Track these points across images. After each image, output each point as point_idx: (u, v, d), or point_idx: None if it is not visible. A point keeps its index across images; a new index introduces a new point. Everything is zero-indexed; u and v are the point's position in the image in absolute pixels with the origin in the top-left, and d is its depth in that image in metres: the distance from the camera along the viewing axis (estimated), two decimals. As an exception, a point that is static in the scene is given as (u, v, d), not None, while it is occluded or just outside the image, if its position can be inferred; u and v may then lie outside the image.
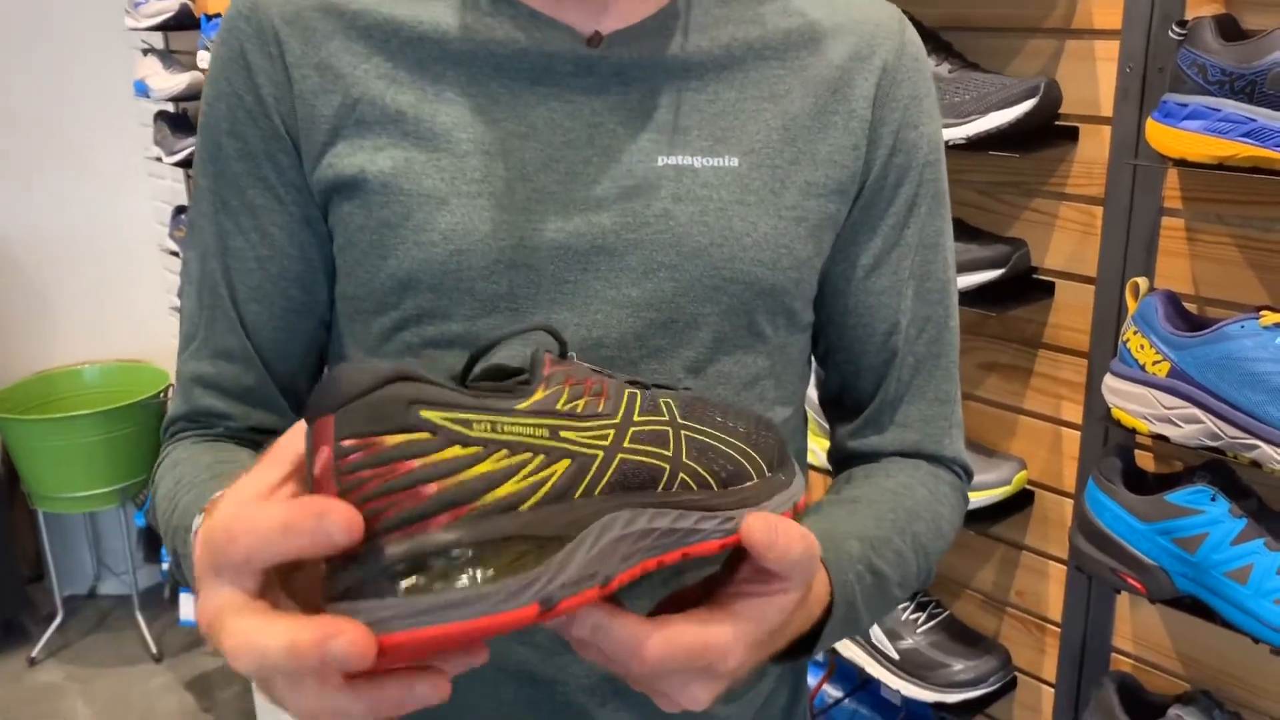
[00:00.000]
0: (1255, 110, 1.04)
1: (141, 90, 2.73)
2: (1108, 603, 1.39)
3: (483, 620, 0.40)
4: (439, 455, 0.41)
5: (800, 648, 0.62)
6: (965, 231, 1.39)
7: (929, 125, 0.75)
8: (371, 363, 0.42)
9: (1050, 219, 1.38)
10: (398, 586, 0.40)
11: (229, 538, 0.42)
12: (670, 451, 0.50)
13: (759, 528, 0.51)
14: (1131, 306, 1.20)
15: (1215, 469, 1.15)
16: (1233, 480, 1.15)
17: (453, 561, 0.40)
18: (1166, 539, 1.16)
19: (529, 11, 0.67)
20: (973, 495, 1.38)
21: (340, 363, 0.75)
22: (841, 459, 0.82)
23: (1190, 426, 1.12)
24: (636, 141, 0.68)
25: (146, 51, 2.77)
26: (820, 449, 1.39)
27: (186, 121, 2.74)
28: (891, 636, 1.50)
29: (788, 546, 0.51)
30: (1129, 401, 1.18)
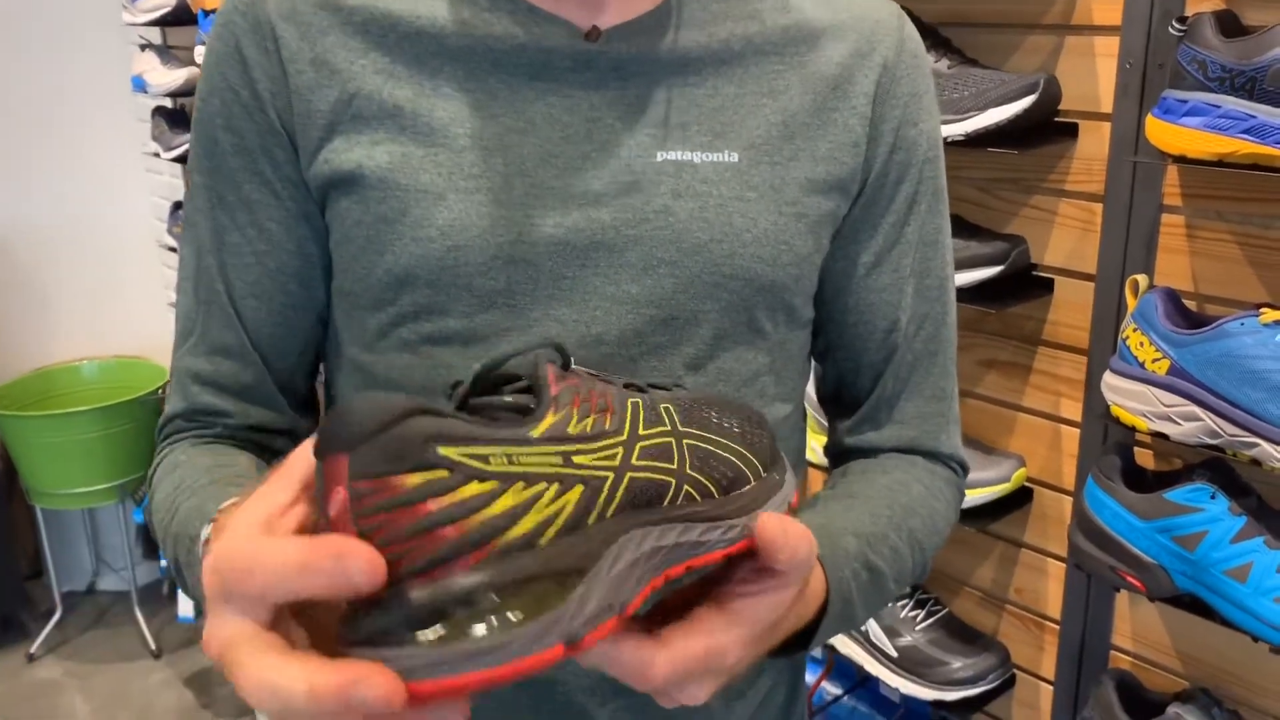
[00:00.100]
0: (1255, 107, 1.04)
1: (139, 86, 2.73)
2: (1107, 600, 1.39)
3: (510, 666, 0.40)
4: (458, 494, 0.40)
5: (795, 643, 0.62)
6: (964, 228, 1.39)
7: (928, 122, 0.75)
8: (381, 396, 0.41)
9: (1050, 216, 1.37)
10: (423, 635, 0.39)
11: (243, 571, 0.41)
12: (675, 465, 0.49)
13: (773, 529, 0.51)
14: (1131, 304, 1.20)
15: (1215, 467, 1.15)
16: (1232, 478, 1.15)
17: (478, 607, 0.40)
18: (1166, 537, 1.16)
19: (527, 7, 0.67)
20: (971, 493, 1.38)
21: (337, 360, 0.75)
22: (839, 454, 0.82)
23: (1190, 424, 1.12)
24: (635, 137, 0.67)
25: (144, 47, 2.76)
26: (819, 446, 1.39)
27: (184, 117, 2.73)
28: (890, 634, 1.50)
29: (797, 546, 0.51)
30: (1128, 399, 1.18)
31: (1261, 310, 1.07)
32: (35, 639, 2.93)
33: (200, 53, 2.46)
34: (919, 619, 1.51)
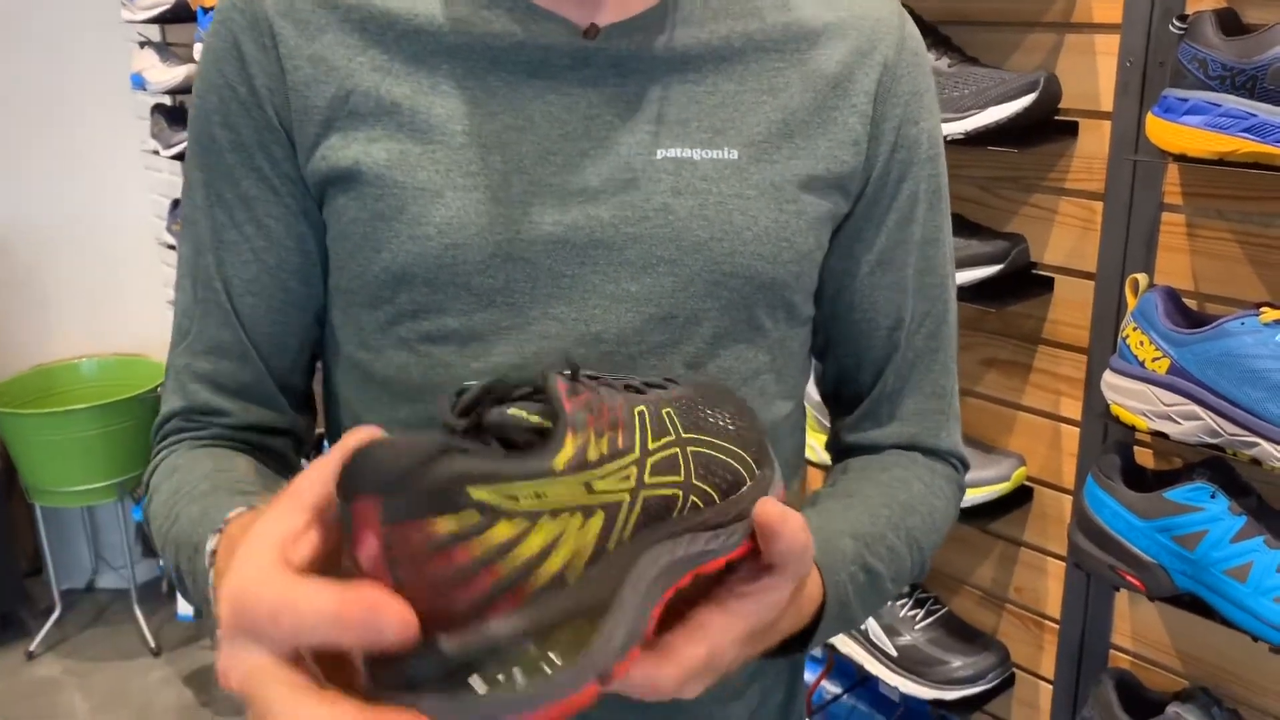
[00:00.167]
0: (1256, 105, 1.03)
1: (138, 83, 2.73)
2: (1106, 599, 1.39)
3: (548, 709, 0.40)
4: (490, 537, 0.40)
5: (793, 645, 0.62)
6: (964, 227, 1.39)
7: (929, 120, 0.75)
8: (405, 436, 0.40)
9: (1050, 214, 1.37)
10: (462, 684, 0.39)
11: (269, 615, 0.40)
12: (682, 476, 0.49)
13: (772, 516, 0.51)
14: (1131, 302, 1.20)
15: (1215, 466, 1.15)
16: (1232, 477, 1.15)
17: (517, 654, 0.40)
18: (1166, 536, 1.16)
19: (525, 4, 0.67)
20: (971, 491, 1.38)
21: (335, 359, 0.74)
22: (839, 451, 0.82)
23: (1190, 423, 1.12)
24: (634, 134, 0.67)
25: (143, 44, 2.76)
26: (819, 444, 1.39)
27: (183, 114, 2.73)
28: (890, 633, 1.50)
29: (795, 535, 0.51)
30: (1128, 398, 1.18)
31: (1262, 309, 1.07)
32: (35, 637, 2.93)
33: (199, 50, 2.46)
34: (919, 618, 1.51)
